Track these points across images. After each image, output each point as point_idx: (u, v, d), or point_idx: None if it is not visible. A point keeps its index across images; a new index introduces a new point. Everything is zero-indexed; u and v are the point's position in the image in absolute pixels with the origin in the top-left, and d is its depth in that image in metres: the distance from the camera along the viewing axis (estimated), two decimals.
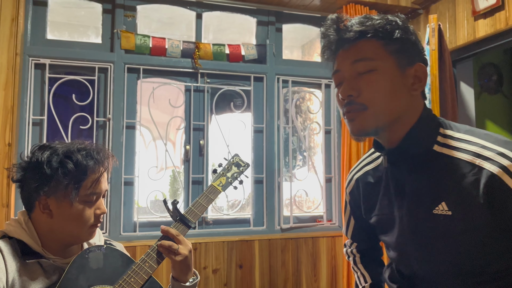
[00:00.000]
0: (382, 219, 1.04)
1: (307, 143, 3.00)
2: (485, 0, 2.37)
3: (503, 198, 0.82)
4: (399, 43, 0.92)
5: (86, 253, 1.09)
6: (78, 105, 2.49)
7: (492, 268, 0.88)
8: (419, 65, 0.94)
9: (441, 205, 0.89)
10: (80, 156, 1.09)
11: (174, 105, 2.70)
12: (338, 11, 2.92)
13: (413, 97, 0.94)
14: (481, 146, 0.87)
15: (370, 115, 0.91)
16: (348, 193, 1.20)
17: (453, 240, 0.89)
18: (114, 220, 2.44)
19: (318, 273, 2.77)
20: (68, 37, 2.60)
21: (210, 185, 1.33)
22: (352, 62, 0.93)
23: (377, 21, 0.92)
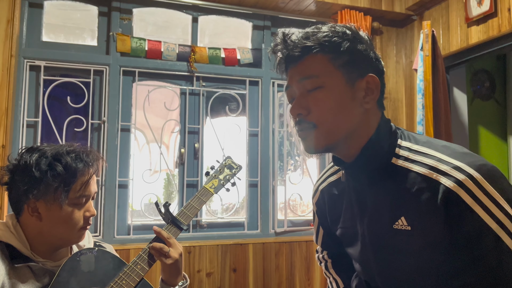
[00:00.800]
0: (346, 232, 1.03)
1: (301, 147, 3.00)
2: (478, 7, 2.40)
3: (459, 213, 0.80)
4: (347, 55, 0.88)
5: (77, 256, 1.09)
6: (73, 108, 2.49)
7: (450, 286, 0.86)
8: (371, 77, 0.90)
9: (400, 220, 0.87)
10: (70, 159, 1.08)
11: (169, 108, 2.70)
12: (333, 16, 2.94)
13: (367, 110, 0.90)
14: (437, 160, 0.85)
15: (320, 133, 0.89)
16: (315, 203, 1.18)
17: (412, 256, 0.87)
18: (108, 223, 2.44)
19: (311, 277, 2.77)
20: (63, 39, 2.60)
21: (202, 187, 1.33)
22: (299, 79, 0.90)
23: (323, 33, 0.89)
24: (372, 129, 0.91)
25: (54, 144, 1.15)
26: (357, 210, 0.97)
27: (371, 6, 2.91)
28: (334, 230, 1.09)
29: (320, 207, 1.15)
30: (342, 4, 2.84)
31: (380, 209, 0.91)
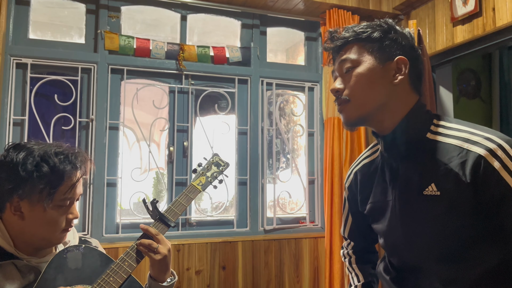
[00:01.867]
0: (376, 206, 1.12)
1: (291, 145, 3.03)
2: (464, 7, 2.43)
3: (488, 178, 0.91)
4: (378, 42, 1.04)
5: (64, 253, 1.09)
6: (60, 106, 2.48)
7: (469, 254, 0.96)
8: (400, 58, 1.03)
9: (430, 187, 0.97)
10: (57, 160, 1.06)
11: (158, 107, 2.70)
12: (321, 15, 2.96)
13: (397, 88, 1.03)
14: (470, 133, 0.97)
15: (352, 106, 1.04)
16: (347, 187, 1.28)
17: (439, 221, 0.97)
18: (96, 221, 2.43)
19: (300, 274, 2.79)
20: (50, 37, 2.58)
21: (190, 185, 1.34)
22: (340, 63, 1.08)
23: (359, 27, 1.07)
24: (407, 107, 1.04)
25: (42, 142, 1.12)
26: (389, 182, 1.08)
27: (359, 5, 2.93)
28: (363, 209, 1.19)
29: (352, 190, 1.25)
30: (330, 3, 2.86)
31: (411, 178, 1.02)
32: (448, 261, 0.98)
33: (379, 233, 1.15)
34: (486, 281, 0.95)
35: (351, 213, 1.29)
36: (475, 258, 0.96)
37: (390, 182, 1.08)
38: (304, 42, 3.12)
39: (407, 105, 1.04)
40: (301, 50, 3.17)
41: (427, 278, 1.02)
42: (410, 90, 1.05)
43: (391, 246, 1.10)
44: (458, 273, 0.97)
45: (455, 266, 0.97)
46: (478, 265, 0.95)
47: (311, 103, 3.04)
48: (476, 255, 0.95)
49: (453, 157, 0.95)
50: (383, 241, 1.14)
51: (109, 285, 1.09)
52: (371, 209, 1.15)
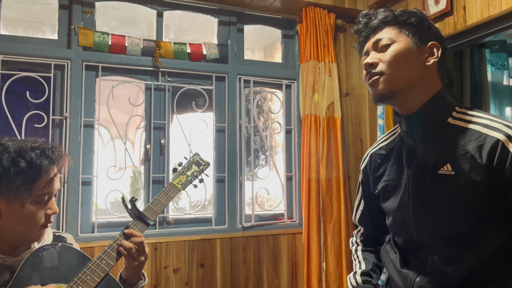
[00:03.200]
0: (389, 184, 1.17)
1: (269, 143, 3.04)
2: (435, 6, 2.49)
3: (503, 160, 0.96)
4: (414, 27, 1.10)
5: (40, 251, 1.07)
6: (32, 103, 2.42)
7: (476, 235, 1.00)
8: (433, 43, 1.10)
9: (446, 166, 1.02)
10: (34, 155, 1.05)
11: (134, 104, 2.66)
12: (298, 13, 2.99)
13: (428, 70, 1.09)
14: (490, 119, 1.03)
15: (385, 79, 1.07)
16: (362, 170, 1.33)
17: (451, 199, 1.01)
18: (71, 220, 2.38)
19: (278, 270, 2.81)
20: (22, 32, 2.51)
21: (170, 183, 1.33)
22: (375, 41, 1.12)
23: (396, 12, 1.13)
24: (432, 91, 1.09)
25: (16, 139, 1.10)
26: (406, 162, 1.12)
27: (334, 3, 2.97)
28: (374, 190, 1.25)
29: (366, 173, 1.30)
30: (307, 1, 2.88)
31: (427, 158, 1.07)
32: (454, 240, 1.02)
33: (389, 211, 1.18)
34: (487, 262, 0.99)
35: (364, 197, 1.33)
36: (481, 239, 1.00)
37: (407, 161, 1.12)
38: (281, 39, 3.13)
39: (433, 90, 1.09)
40: (278, 48, 3.19)
41: (431, 257, 1.06)
42: (437, 76, 1.11)
43: (400, 223, 1.14)
44: (461, 253, 1.01)
45: (460, 245, 1.01)
46: (482, 246, 0.99)
47: (289, 101, 3.07)
48: (482, 236, 1.00)
49: (471, 141, 1.00)
50: (391, 219, 1.17)
51: (86, 284, 1.08)
52: (383, 187, 1.19)
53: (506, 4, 2.13)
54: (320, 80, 2.90)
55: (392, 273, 1.17)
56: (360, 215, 1.36)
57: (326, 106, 2.90)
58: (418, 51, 1.09)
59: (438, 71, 1.11)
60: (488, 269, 1.00)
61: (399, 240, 1.16)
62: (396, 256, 1.16)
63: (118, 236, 1.19)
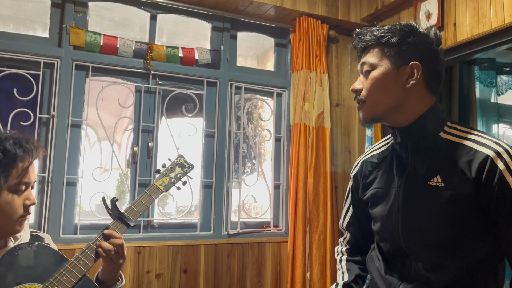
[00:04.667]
0: (379, 191, 1.20)
1: (257, 150, 3.03)
2: (427, 21, 2.53)
3: (491, 175, 1.00)
4: (396, 46, 1.10)
5: (15, 250, 1.05)
6: (19, 101, 2.38)
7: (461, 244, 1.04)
8: (414, 63, 1.10)
9: (436, 178, 1.06)
10: (8, 144, 1.05)
11: (123, 106, 2.65)
12: (291, 22, 3.00)
13: (411, 91, 1.10)
14: (480, 136, 1.07)
15: (368, 106, 1.13)
16: (352, 177, 1.35)
17: (439, 210, 1.05)
18: (53, 221, 2.35)
19: (262, 279, 2.79)
20: (12, 29, 2.49)
21: (152, 185, 1.32)
22: (361, 64, 1.16)
23: (381, 31, 1.13)
24: (422, 108, 1.11)
25: None
26: (397, 172, 1.16)
27: (328, 14, 2.99)
28: (363, 196, 1.27)
29: (356, 178, 1.32)
30: (301, 11, 2.90)
31: (418, 169, 1.10)
32: (439, 249, 1.05)
33: (377, 217, 1.21)
34: (470, 271, 1.03)
35: (352, 203, 1.35)
36: (465, 249, 1.04)
37: (398, 172, 1.16)
38: (274, 48, 3.15)
39: (423, 106, 1.11)
40: (271, 56, 3.20)
41: (415, 264, 1.09)
42: (425, 92, 1.11)
43: (387, 230, 1.16)
44: (446, 261, 1.05)
45: (445, 254, 1.05)
46: (466, 256, 1.03)
47: (279, 109, 3.07)
48: (467, 246, 1.03)
49: (461, 155, 1.04)
50: (379, 225, 1.20)
51: (61, 284, 1.05)
52: (373, 194, 1.22)
53: (496, 22, 2.16)
54: (311, 89, 2.91)
55: (377, 280, 1.19)
56: (348, 221, 1.37)
57: (316, 116, 2.91)
58: (397, 74, 1.10)
59: (427, 86, 1.11)
60: (470, 278, 1.03)
61: (385, 246, 1.18)
62: (381, 263, 1.18)
63: (97, 236, 1.17)
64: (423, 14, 2.54)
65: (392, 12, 2.86)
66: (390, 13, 2.87)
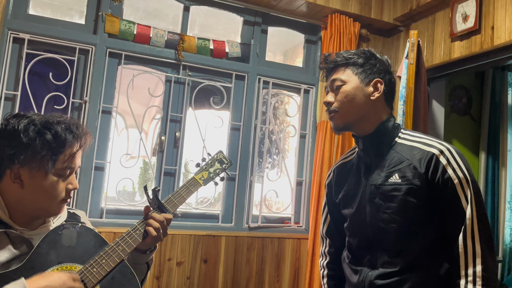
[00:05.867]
0: (349, 193, 1.40)
1: (282, 146, 3.04)
2: (463, 23, 2.48)
3: (436, 169, 1.23)
4: (361, 66, 1.34)
5: (60, 229, 1.08)
6: (54, 85, 2.44)
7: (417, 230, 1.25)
8: (378, 80, 1.34)
9: (394, 176, 1.28)
10: (60, 129, 1.07)
11: (153, 95, 2.68)
12: (323, 19, 2.99)
13: (376, 103, 1.33)
14: (428, 139, 1.31)
15: (340, 116, 1.33)
16: (327, 185, 1.54)
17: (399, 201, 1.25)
18: (81, 204, 2.40)
19: (281, 274, 2.80)
20: (50, 14, 2.53)
21: (192, 178, 1.34)
22: (331, 81, 1.37)
23: (348, 54, 1.36)
24: (381, 118, 1.35)
25: (41, 114, 1.12)
26: (363, 174, 1.36)
27: (360, 13, 2.97)
28: (336, 198, 1.46)
29: (330, 186, 1.51)
30: (333, 8, 2.88)
31: (380, 170, 1.31)
32: (400, 235, 1.25)
33: (348, 215, 1.40)
34: (424, 253, 1.24)
35: (329, 210, 1.53)
36: (421, 233, 1.25)
37: (364, 174, 1.36)
38: (304, 44, 3.14)
39: (382, 116, 1.34)
40: (300, 52, 3.19)
41: (380, 252, 1.29)
42: (384, 105, 1.35)
43: (357, 225, 1.36)
44: (405, 246, 1.25)
45: (405, 241, 1.25)
46: (421, 239, 1.24)
47: (306, 105, 3.06)
48: (422, 230, 1.25)
49: (414, 155, 1.27)
50: (349, 221, 1.40)
51: (101, 267, 1.08)
52: (344, 196, 1.41)
53: None
54: None
55: (348, 275, 1.38)
56: (327, 227, 1.53)
57: None
58: (364, 87, 1.32)
59: (385, 100, 1.35)
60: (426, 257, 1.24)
61: (354, 241, 1.38)
62: (351, 259, 1.38)
63: (136, 224, 1.19)
64: (460, 16, 2.49)
65: (427, 13, 2.81)
66: (425, 13, 2.82)
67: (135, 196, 2.80)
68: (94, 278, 1.06)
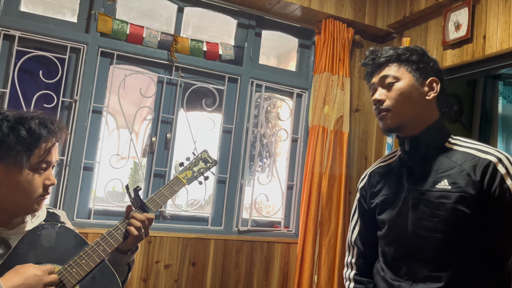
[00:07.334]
0: (387, 198, 1.28)
1: (273, 149, 3.03)
2: (456, 32, 2.49)
3: (493, 179, 1.12)
4: (416, 64, 1.24)
5: (38, 229, 1.06)
6: (44, 83, 2.41)
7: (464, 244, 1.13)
8: (433, 79, 1.25)
9: (443, 182, 1.17)
10: (34, 124, 1.06)
11: (144, 95, 2.66)
12: (317, 24, 2.99)
13: (429, 103, 1.23)
14: (482, 146, 1.21)
15: (393, 115, 1.22)
16: (360, 189, 1.42)
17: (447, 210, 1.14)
18: (68, 204, 2.37)
19: (269, 278, 2.79)
20: (42, 11, 2.52)
21: (175, 177, 1.32)
22: (381, 77, 1.25)
23: (400, 50, 1.26)
24: (431, 119, 1.24)
25: (15, 110, 1.11)
26: (405, 179, 1.25)
27: (355, 18, 2.97)
28: (370, 204, 1.35)
29: (364, 189, 1.40)
30: (328, 13, 2.89)
31: (426, 175, 1.21)
32: (443, 250, 1.14)
33: (385, 221, 1.27)
34: (470, 269, 1.13)
35: (360, 216, 1.40)
36: (468, 248, 1.13)
37: (406, 178, 1.25)
38: (298, 48, 3.14)
39: (432, 118, 1.24)
40: (293, 56, 3.19)
41: (422, 264, 1.16)
42: (435, 107, 1.25)
43: (395, 233, 1.24)
44: (450, 260, 1.13)
45: (449, 253, 1.14)
46: (469, 254, 1.13)
47: (298, 110, 3.06)
48: (469, 245, 1.13)
49: (466, 161, 1.17)
50: (387, 228, 1.27)
51: (80, 268, 1.06)
52: (382, 201, 1.29)
53: None
54: (332, 92, 2.90)
55: None
56: (356, 235, 1.40)
57: (335, 119, 2.89)
58: (419, 86, 1.23)
59: (437, 102, 1.25)
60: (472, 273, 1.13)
61: (389, 250, 1.26)
62: (386, 272, 1.25)
63: (118, 223, 1.18)
64: (452, 24, 2.51)
65: (420, 21, 2.82)
66: (418, 21, 2.83)
67: (124, 197, 2.78)
68: (73, 278, 1.04)
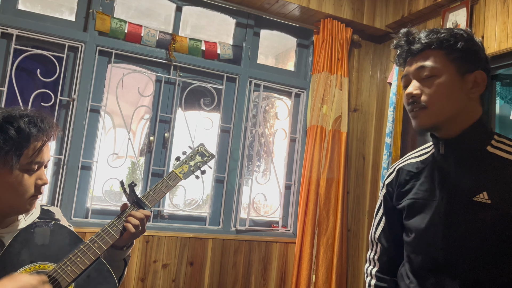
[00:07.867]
0: (417, 203, 1.13)
1: (272, 149, 3.02)
2: None
3: None
4: (461, 52, 1.03)
5: (32, 227, 1.05)
6: (42, 82, 2.41)
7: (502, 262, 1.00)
8: (479, 72, 1.04)
9: (482, 194, 1.01)
10: (23, 123, 1.03)
11: (142, 94, 2.66)
12: (315, 24, 2.99)
13: (471, 100, 1.05)
14: None
15: (429, 113, 1.04)
16: (386, 184, 1.27)
17: (485, 227, 1.00)
18: (66, 203, 2.37)
19: (267, 277, 2.78)
20: (40, 10, 2.51)
21: (171, 172, 1.31)
22: (417, 68, 1.06)
23: (442, 34, 1.05)
24: (473, 118, 1.06)
25: (4, 108, 1.08)
26: (438, 183, 1.09)
27: (353, 18, 2.97)
28: (397, 204, 1.20)
29: (391, 185, 1.24)
30: (326, 13, 2.88)
31: (462, 183, 1.05)
32: (478, 266, 1.02)
33: (412, 229, 1.14)
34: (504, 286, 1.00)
35: (385, 213, 1.27)
36: (505, 265, 1.00)
37: (439, 183, 1.09)
38: (296, 48, 3.13)
39: (473, 117, 1.06)
40: (292, 56, 3.19)
41: (449, 279, 1.05)
42: (478, 103, 1.07)
43: (423, 243, 1.11)
44: (484, 277, 1.01)
45: (483, 272, 1.01)
46: (504, 274, 1.00)
47: (296, 109, 3.06)
48: (507, 263, 1.00)
49: (510, 172, 1.00)
50: (414, 237, 1.14)
51: (75, 266, 1.06)
52: (410, 204, 1.15)
53: None
54: (330, 92, 2.90)
55: None
56: (380, 232, 1.28)
57: (333, 119, 2.89)
58: (462, 81, 1.04)
59: (480, 98, 1.08)
60: None
61: (416, 259, 1.13)
62: (411, 281, 1.14)
63: (113, 220, 1.17)
64: (451, 24, 2.50)
65: (418, 21, 2.82)
66: (417, 21, 2.83)
67: (122, 196, 2.78)
68: (68, 276, 1.04)
